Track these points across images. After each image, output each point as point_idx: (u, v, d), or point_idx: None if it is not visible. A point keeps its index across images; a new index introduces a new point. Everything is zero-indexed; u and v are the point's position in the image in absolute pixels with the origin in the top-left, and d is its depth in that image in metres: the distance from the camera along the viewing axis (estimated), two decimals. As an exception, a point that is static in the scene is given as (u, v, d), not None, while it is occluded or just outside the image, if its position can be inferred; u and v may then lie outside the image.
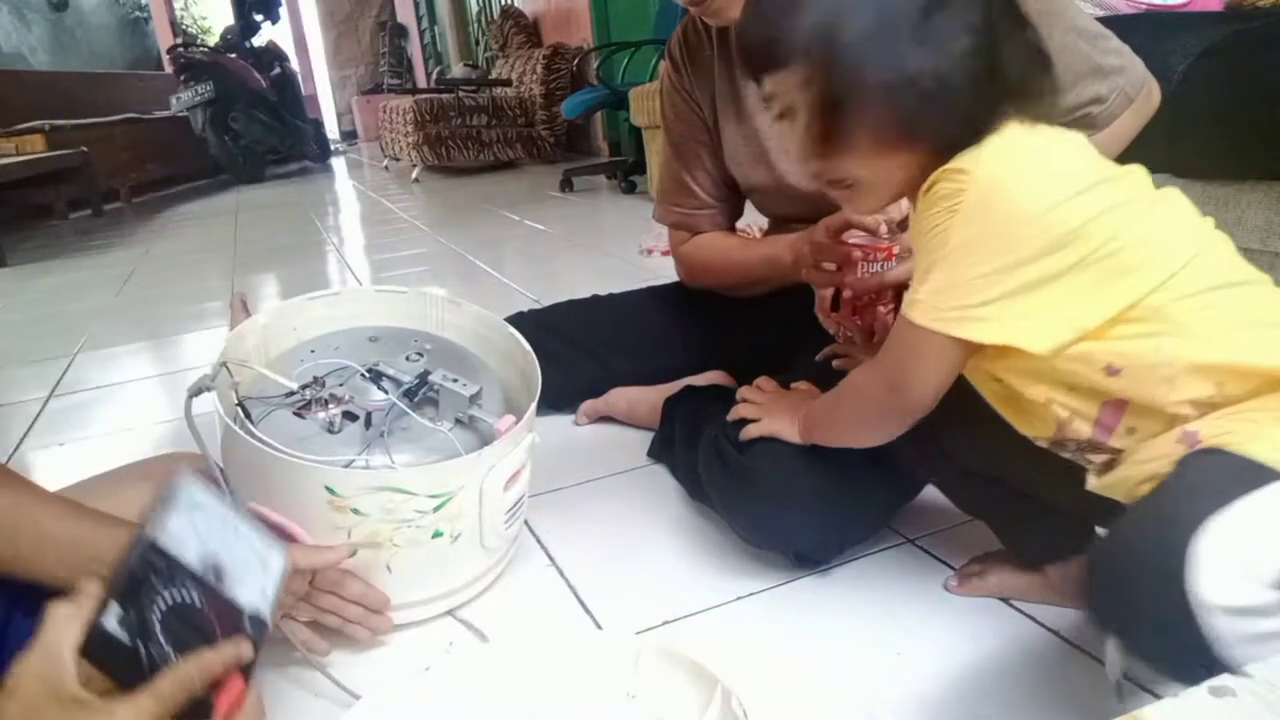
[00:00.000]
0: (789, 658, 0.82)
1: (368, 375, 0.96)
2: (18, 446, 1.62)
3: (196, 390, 0.86)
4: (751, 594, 0.94)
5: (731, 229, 1.32)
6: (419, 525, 0.85)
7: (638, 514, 1.13)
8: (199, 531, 0.64)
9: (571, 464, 1.27)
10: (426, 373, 0.97)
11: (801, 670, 0.81)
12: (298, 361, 0.97)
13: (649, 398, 1.32)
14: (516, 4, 6.73)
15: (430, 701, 0.71)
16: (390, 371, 0.96)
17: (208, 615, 0.60)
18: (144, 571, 0.57)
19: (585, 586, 0.99)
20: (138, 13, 10.16)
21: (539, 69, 5.64)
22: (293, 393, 0.92)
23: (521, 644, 0.76)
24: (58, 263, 3.90)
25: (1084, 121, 1.00)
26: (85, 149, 5.17)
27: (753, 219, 1.36)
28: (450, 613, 0.95)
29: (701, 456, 1.00)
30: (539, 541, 1.08)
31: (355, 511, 0.83)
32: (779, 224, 1.26)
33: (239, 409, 0.89)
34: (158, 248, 4.06)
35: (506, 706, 0.72)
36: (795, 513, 0.90)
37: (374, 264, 3.23)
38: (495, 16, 6.92)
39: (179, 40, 8.39)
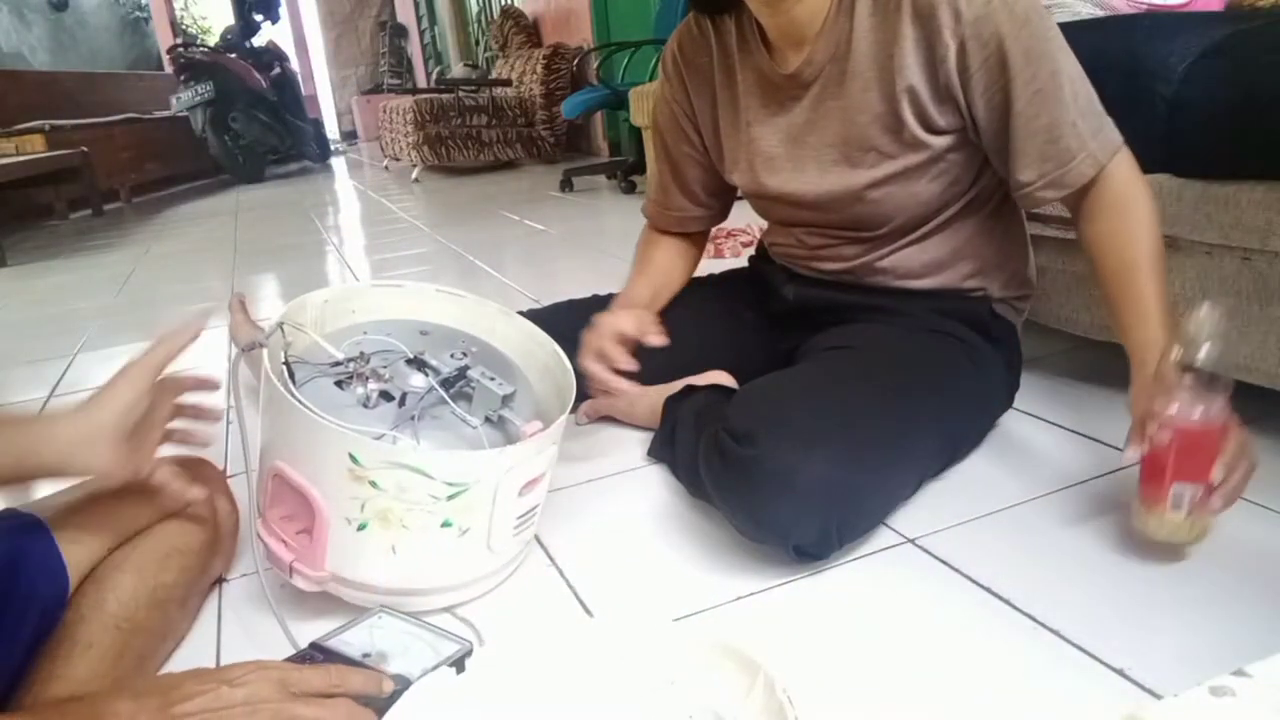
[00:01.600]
0: (789, 658, 0.82)
1: (411, 361, 0.99)
2: (18, 446, 1.62)
3: (249, 346, 0.91)
4: (752, 594, 0.94)
5: (704, 232, 1.41)
6: (430, 511, 0.86)
7: (638, 514, 1.13)
8: (374, 640, 0.81)
9: (571, 464, 1.27)
10: (466, 367, 1.00)
11: (801, 670, 0.81)
12: (349, 339, 1.01)
13: (649, 398, 1.32)
14: (516, 4, 6.73)
15: (470, 697, 0.71)
16: (433, 362, 1.00)
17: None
18: (299, 658, 0.78)
19: (585, 586, 0.99)
20: (138, 13, 10.16)
21: (539, 69, 5.64)
22: (338, 363, 0.96)
23: (554, 635, 0.76)
24: (58, 263, 3.90)
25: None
26: (85, 149, 5.17)
27: (752, 219, 1.36)
28: (449, 610, 0.95)
29: (702, 451, 1.00)
30: (539, 541, 1.08)
31: (373, 484, 0.84)
32: (777, 226, 1.27)
33: (285, 368, 0.93)
34: (158, 248, 4.06)
35: (545, 697, 0.72)
36: (794, 504, 0.90)
37: (374, 264, 3.23)
38: (495, 16, 6.92)
39: (179, 40, 8.40)
